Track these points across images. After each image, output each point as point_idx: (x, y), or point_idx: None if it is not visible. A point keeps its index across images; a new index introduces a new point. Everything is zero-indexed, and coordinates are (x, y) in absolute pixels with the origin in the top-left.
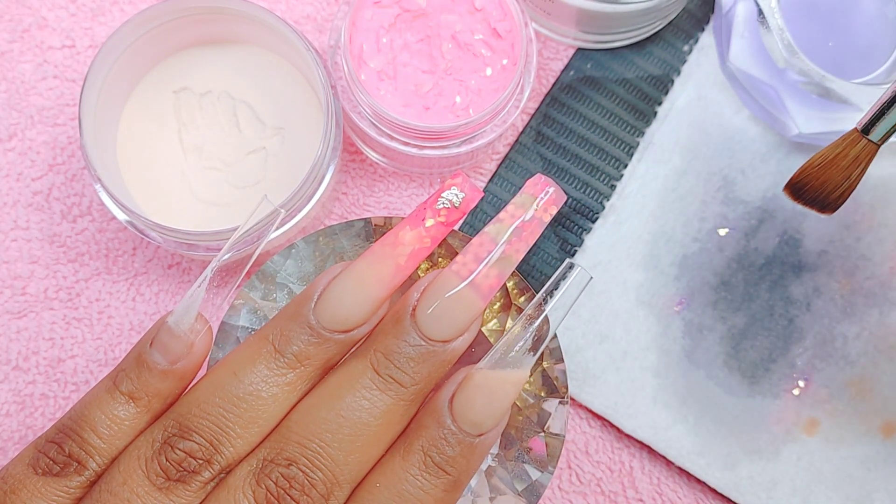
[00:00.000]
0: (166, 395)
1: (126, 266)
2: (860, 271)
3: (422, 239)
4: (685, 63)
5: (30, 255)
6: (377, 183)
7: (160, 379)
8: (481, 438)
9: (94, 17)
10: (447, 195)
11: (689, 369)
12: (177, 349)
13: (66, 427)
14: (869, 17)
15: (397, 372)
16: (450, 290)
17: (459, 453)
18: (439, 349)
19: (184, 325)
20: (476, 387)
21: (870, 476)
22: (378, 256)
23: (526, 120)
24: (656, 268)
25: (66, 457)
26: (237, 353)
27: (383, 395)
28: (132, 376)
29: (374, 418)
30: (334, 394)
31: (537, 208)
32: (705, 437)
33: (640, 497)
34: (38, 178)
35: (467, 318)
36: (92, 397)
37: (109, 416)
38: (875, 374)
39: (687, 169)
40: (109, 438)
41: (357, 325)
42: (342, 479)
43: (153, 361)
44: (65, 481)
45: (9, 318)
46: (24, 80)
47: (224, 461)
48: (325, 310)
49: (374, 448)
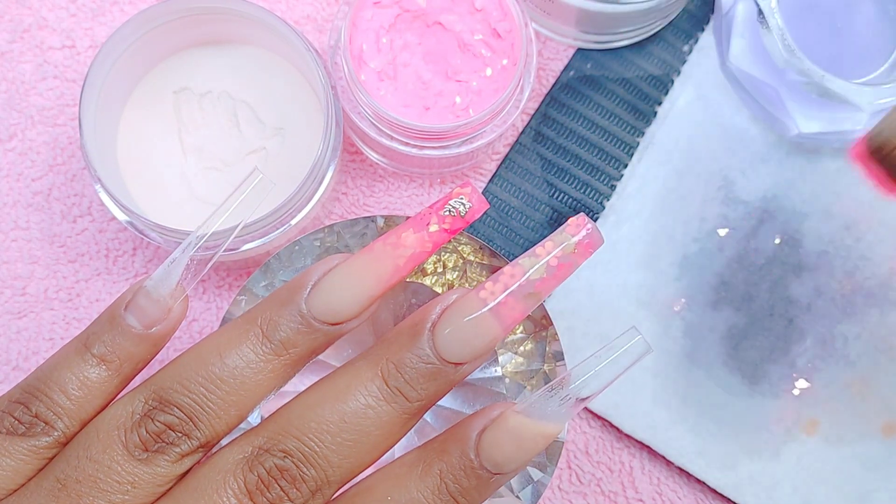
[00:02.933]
0: (138, 359)
1: (126, 266)
2: (860, 271)
3: (424, 243)
4: (685, 63)
5: (30, 256)
6: (377, 183)
7: (134, 342)
8: (497, 477)
9: (94, 17)
10: (454, 203)
11: (690, 369)
12: (154, 313)
13: (33, 387)
14: (869, 17)
15: (405, 386)
16: (472, 314)
17: (474, 486)
18: (450, 370)
19: (163, 290)
20: (509, 431)
21: (870, 476)
22: (378, 255)
23: (526, 120)
24: (656, 268)
25: (32, 416)
26: (224, 332)
27: (388, 406)
28: (105, 339)
29: (376, 427)
30: (340, 396)
31: (575, 250)
32: (705, 437)
33: (640, 497)
34: (38, 179)
35: (484, 345)
36: (60, 358)
37: (79, 378)
38: (875, 374)
39: (687, 169)
40: (78, 400)
41: (348, 319)
42: (332, 479)
43: (128, 324)
44: (32, 441)
45: (9, 319)
46: (24, 80)
47: (203, 437)
48: (319, 301)
49: (368, 455)
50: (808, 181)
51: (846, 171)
